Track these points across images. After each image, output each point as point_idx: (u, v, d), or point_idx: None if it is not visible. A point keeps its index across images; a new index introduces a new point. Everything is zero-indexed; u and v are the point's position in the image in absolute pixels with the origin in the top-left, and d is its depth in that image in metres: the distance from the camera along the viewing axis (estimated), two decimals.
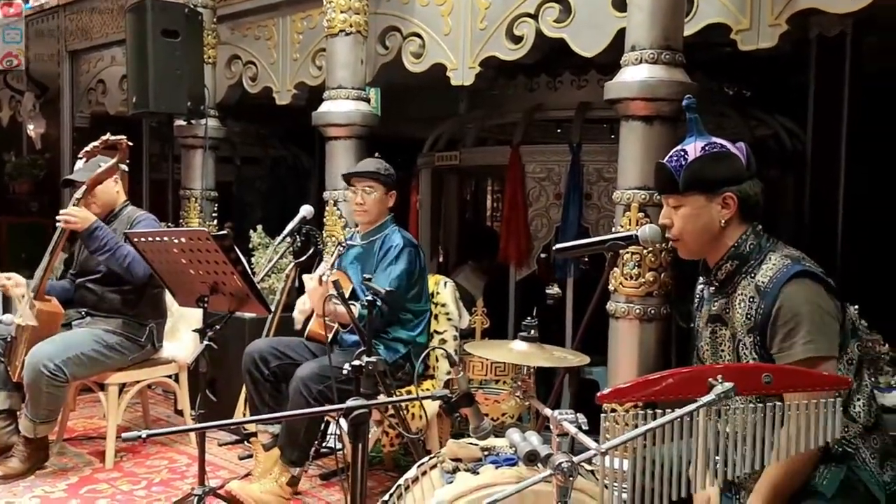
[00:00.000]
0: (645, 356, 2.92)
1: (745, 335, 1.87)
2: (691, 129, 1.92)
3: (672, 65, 2.82)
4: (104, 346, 3.59)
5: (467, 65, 3.78)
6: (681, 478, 1.63)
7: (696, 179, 1.88)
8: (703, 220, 1.90)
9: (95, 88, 5.95)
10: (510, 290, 4.59)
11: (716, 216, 1.90)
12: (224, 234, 2.81)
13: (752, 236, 1.91)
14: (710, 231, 1.91)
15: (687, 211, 1.91)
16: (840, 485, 1.78)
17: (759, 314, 1.83)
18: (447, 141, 5.18)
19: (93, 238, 3.51)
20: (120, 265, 3.52)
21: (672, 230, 1.95)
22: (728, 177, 1.89)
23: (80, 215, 3.50)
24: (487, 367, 3.79)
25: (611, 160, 4.17)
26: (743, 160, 1.90)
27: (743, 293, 1.89)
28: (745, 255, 1.90)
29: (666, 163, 1.91)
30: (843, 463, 1.80)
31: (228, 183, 7.36)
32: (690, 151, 1.88)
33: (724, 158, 1.88)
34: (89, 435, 4.16)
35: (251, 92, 4.85)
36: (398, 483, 2.01)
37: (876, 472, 1.81)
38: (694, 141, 1.89)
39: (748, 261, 1.90)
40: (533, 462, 1.75)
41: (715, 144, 1.88)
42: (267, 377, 3.23)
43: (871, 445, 1.83)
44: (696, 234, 1.92)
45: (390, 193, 3.32)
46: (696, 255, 1.98)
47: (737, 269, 1.91)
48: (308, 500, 3.36)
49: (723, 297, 1.95)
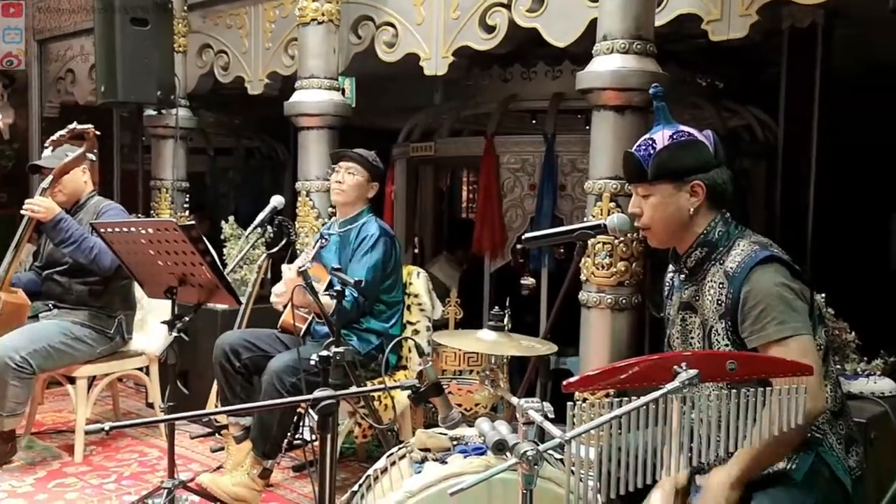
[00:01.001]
0: (617, 345, 2.93)
1: (716, 321, 1.87)
2: (658, 117, 1.92)
3: (643, 54, 2.82)
4: (72, 337, 3.54)
5: (440, 54, 3.76)
6: (646, 465, 1.64)
7: (664, 168, 1.87)
8: (672, 209, 1.90)
9: (64, 78, 5.85)
10: (485, 281, 4.59)
11: (684, 204, 1.90)
12: (191, 225, 2.78)
13: (721, 223, 1.91)
14: (679, 219, 1.91)
15: (656, 200, 1.91)
16: (808, 470, 1.79)
17: (728, 300, 1.84)
18: (422, 132, 5.16)
19: (57, 229, 3.45)
20: (86, 257, 3.47)
21: (642, 219, 1.94)
22: (696, 165, 1.89)
23: (45, 205, 3.44)
24: (460, 357, 3.79)
25: (585, 151, 4.11)
26: (710, 148, 1.90)
27: (713, 280, 1.89)
28: (713, 242, 1.90)
29: (634, 152, 1.91)
30: (812, 449, 1.81)
31: (202, 174, 7.29)
32: (658, 140, 1.88)
33: (691, 146, 1.88)
34: (58, 428, 4.11)
35: (223, 81, 4.79)
36: (367, 473, 2.00)
37: (842, 458, 1.83)
38: (661, 129, 1.89)
39: (717, 248, 1.90)
40: (501, 451, 1.74)
41: (682, 133, 1.88)
42: (238, 369, 3.19)
43: (837, 431, 1.85)
44: (665, 223, 1.92)
45: (372, 184, 3.30)
46: (666, 243, 1.98)
47: (706, 256, 1.91)
48: (281, 492, 3.34)
49: (693, 284, 1.95)
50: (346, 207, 3.31)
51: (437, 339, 2.02)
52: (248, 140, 7.64)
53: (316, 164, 4.02)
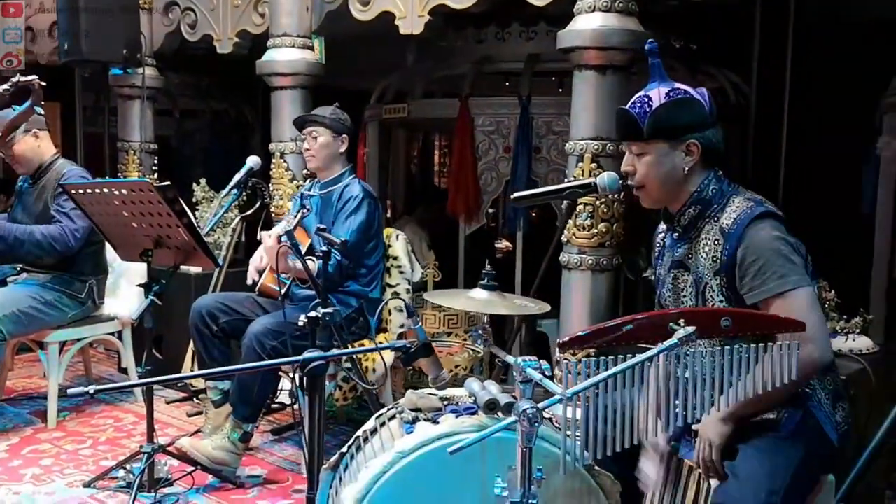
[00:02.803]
0: (596, 306, 2.95)
1: (711, 278, 1.88)
2: (654, 74, 1.90)
3: (625, 13, 2.81)
4: (41, 302, 3.46)
5: (416, 13, 3.68)
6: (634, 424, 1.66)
7: (660, 126, 1.86)
8: (667, 168, 1.89)
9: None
10: (460, 244, 4.58)
11: (679, 163, 1.88)
12: (167, 185, 2.72)
13: (714, 181, 1.91)
14: (673, 178, 1.90)
15: (650, 158, 1.89)
16: (796, 426, 1.82)
17: (724, 256, 1.84)
18: (395, 93, 5.09)
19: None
20: (41, 248, 3.37)
21: (635, 178, 1.93)
22: (692, 123, 1.87)
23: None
24: (440, 319, 3.79)
25: (560, 113, 4.15)
26: (706, 106, 1.89)
27: (707, 237, 1.89)
28: (707, 199, 1.90)
29: (629, 109, 1.89)
30: (801, 404, 1.84)
31: (168, 137, 7.13)
32: (654, 97, 1.86)
33: (688, 104, 1.87)
34: (29, 395, 4.04)
35: (190, 40, 4.65)
36: (356, 434, 1.99)
37: (829, 413, 1.86)
38: (657, 87, 1.87)
39: (711, 205, 1.90)
40: (493, 410, 1.76)
41: (679, 90, 1.87)
42: (216, 333, 3.15)
43: (825, 386, 1.88)
44: (659, 182, 1.91)
45: (340, 137, 3.24)
46: (659, 203, 1.97)
47: (700, 213, 1.91)
48: (261, 455, 3.33)
49: (686, 242, 1.95)
50: (323, 171, 3.27)
51: (430, 299, 2.01)
52: (215, 102, 7.47)
53: (289, 126, 3.92)
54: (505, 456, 1.58)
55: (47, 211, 3.46)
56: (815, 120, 4.47)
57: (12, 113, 3.41)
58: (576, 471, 1.73)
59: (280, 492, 2.99)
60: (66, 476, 3.06)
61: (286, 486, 3.04)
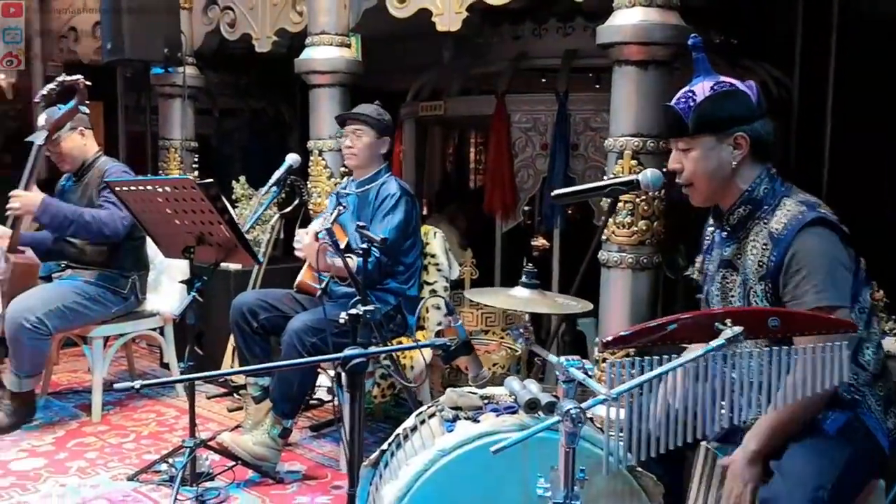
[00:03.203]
0: (636, 305, 2.92)
1: (756, 282, 1.83)
2: (698, 68, 1.86)
3: (667, 7, 2.77)
4: (85, 297, 3.52)
5: (454, 10, 3.67)
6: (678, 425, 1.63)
7: (705, 120, 1.82)
8: (715, 163, 1.84)
9: (67, 36, 5.74)
10: (496, 242, 4.56)
11: (727, 158, 1.84)
12: (210, 183, 2.76)
13: (767, 179, 1.86)
14: (721, 173, 1.85)
15: (697, 154, 1.85)
16: (843, 426, 1.78)
17: (770, 262, 1.79)
18: (431, 91, 5.09)
19: (46, 215, 3.38)
20: (89, 231, 3.42)
21: (683, 175, 1.89)
22: (738, 116, 1.83)
23: (22, 200, 3.37)
24: (478, 317, 3.78)
25: (598, 109, 4.12)
26: (753, 98, 1.84)
27: (755, 239, 1.85)
28: (758, 199, 1.85)
29: (674, 105, 1.86)
30: (851, 409, 1.80)
31: (207, 135, 7.21)
32: (699, 92, 1.82)
33: (733, 96, 1.82)
34: (74, 389, 4.12)
35: (229, 39, 4.70)
36: (396, 432, 1.99)
37: (880, 419, 1.82)
38: (702, 81, 1.84)
39: (762, 205, 1.85)
40: (534, 410, 1.74)
41: (724, 83, 1.83)
42: (256, 330, 3.18)
43: (876, 393, 1.83)
44: (707, 178, 1.86)
45: (383, 139, 3.25)
46: (709, 200, 1.92)
47: (750, 213, 1.86)
48: (299, 451, 3.36)
49: (734, 242, 1.90)
50: (361, 169, 3.28)
51: (471, 297, 2.00)
52: (254, 101, 7.54)
53: (328, 123, 3.97)
54: (546, 456, 1.57)
55: (93, 207, 3.52)
56: (859, 114, 4.37)
57: (58, 112, 3.48)
58: (618, 472, 1.71)
59: (319, 487, 3.01)
60: (111, 469, 3.12)
61: (325, 482, 3.06)
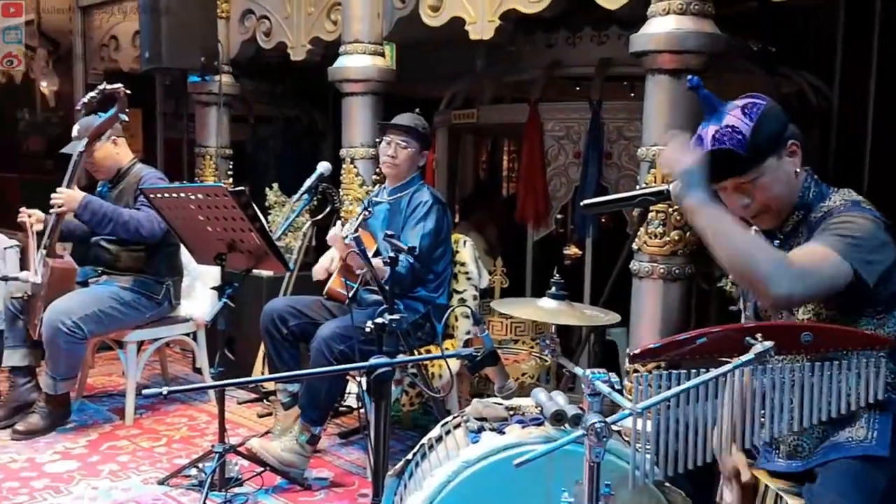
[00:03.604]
0: (668, 316, 2.88)
1: None
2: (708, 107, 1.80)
3: (701, 15, 2.73)
4: (121, 302, 3.58)
5: (487, 18, 3.67)
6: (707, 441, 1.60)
7: (765, 145, 1.78)
8: (784, 179, 1.82)
9: (108, 44, 5.85)
10: (527, 250, 4.54)
11: (790, 168, 1.82)
12: (241, 191, 2.78)
13: (813, 183, 1.86)
14: (791, 185, 1.84)
15: (766, 179, 1.80)
16: (889, 437, 1.68)
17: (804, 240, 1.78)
18: (464, 99, 5.09)
19: (88, 213, 3.46)
20: (126, 230, 3.48)
21: (753, 206, 1.84)
22: (782, 126, 1.81)
23: (64, 196, 3.44)
24: (507, 326, 3.76)
25: (632, 118, 4.08)
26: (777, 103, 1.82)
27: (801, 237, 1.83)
28: (809, 203, 1.84)
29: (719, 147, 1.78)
30: (888, 410, 1.71)
31: (242, 142, 7.30)
32: (736, 122, 1.76)
33: (772, 112, 1.79)
34: (109, 392, 4.19)
35: (265, 48, 4.75)
36: (421, 442, 1.98)
37: None
38: (725, 114, 1.78)
39: (812, 209, 1.84)
40: (560, 422, 1.72)
41: (750, 104, 1.78)
42: (286, 336, 3.20)
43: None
44: (784, 197, 1.84)
45: (423, 153, 3.27)
46: (782, 217, 1.88)
47: (803, 218, 1.85)
48: (328, 458, 3.36)
49: (787, 249, 1.87)
50: (395, 178, 3.29)
51: (498, 308, 1.99)
52: (288, 109, 7.62)
53: (360, 131, 3.99)
54: (572, 469, 1.55)
55: None
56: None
57: (98, 119, 3.55)
58: (645, 487, 1.68)
59: (346, 495, 3.01)
60: (142, 473, 3.15)
61: (352, 489, 3.06)
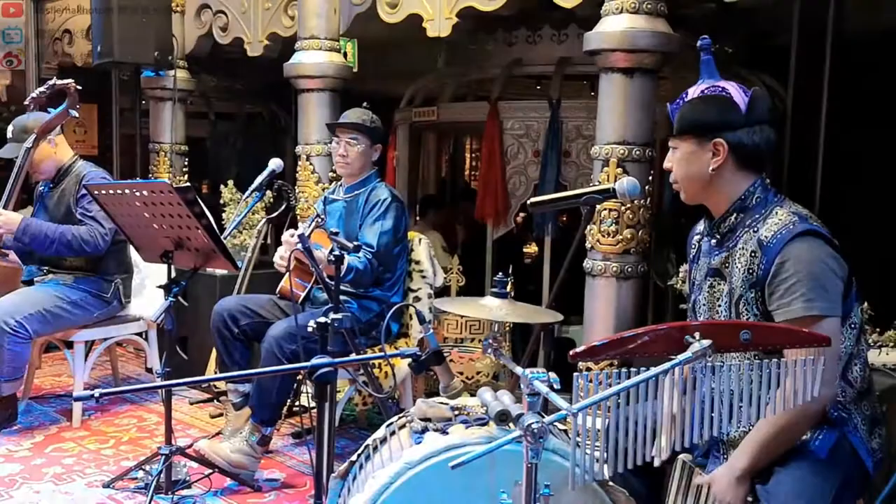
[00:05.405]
0: (622, 314, 2.88)
1: (745, 291, 1.79)
2: (702, 71, 1.82)
3: (654, 14, 2.74)
4: (67, 302, 3.49)
5: (444, 15, 3.64)
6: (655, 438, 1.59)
7: (686, 122, 1.80)
8: (694, 167, 1.82)
9: (61, 38, 5.71)
10: (487, 249, 4.53)
11: (706, 163, 1.80)
12: (187, 187, 2.73)
13: (760, 189, 1.82)
14: (700, 178, 1.82)
15: (679, 154, 1.83)
16: (833, 448, 1.73)
17: (759, 269, 1.75)
18: (425, 97, 5.06)
19: (26, 235, 3.38)
20: (70, 249, 3.41)
21: (672, 174, 1.88)
22: (718, 122, 1.78)
23: (3, 220, 3.36)
24: (462, 325, 3.74)
25: (590, 117, 4.06)
26: (742, 106, 1.77)
27: (744, 247, 1.79)
28: (749, 208, 1.81)
29: (670, 104, 1.83)
30: (837, 428, 1.75)
31: (203, 139, 7.19)
32: (690, 93, 1.79)
33: (715, 102, 1.78)
34: (56, 393, 4.09)
35: (222, 43, 4.68)
36: (366, 443, 1.95)
37: (865, 439, 1.77)
38: (701, 83, 1.81)
39: (752, 214, 1.81)
40: (504, 422, 1.70)
41: (715, 87, 1.78)
42: (237, 336, 3.15)
43: (862, 411, 1.79)
44: (688, 181, 1.84)
45: (375, 147, 3.23)
46: (694, 200, 1.89)
47: (740, 222, 1.82)
48: (280, 458, 3.31)
49: (724, 251, 1.86)
50: (351, 176, 3.25)
51: (440, 306, 1.96)
52: (249, 105, 7.53)
53: (316, 128, 3.94)
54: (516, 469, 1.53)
55: (70, 213, 3.49)
56: (853, 126, 4.34)
57: (48, 115, 3.45)
58: (587, 486, 1.67)
59: (297, 496, 2.97)
60: (87, 476, 3.07)
61: (303, 490, 3.02)
